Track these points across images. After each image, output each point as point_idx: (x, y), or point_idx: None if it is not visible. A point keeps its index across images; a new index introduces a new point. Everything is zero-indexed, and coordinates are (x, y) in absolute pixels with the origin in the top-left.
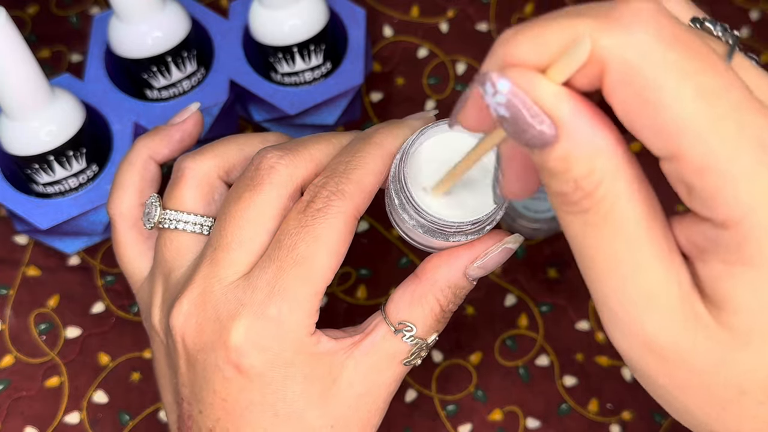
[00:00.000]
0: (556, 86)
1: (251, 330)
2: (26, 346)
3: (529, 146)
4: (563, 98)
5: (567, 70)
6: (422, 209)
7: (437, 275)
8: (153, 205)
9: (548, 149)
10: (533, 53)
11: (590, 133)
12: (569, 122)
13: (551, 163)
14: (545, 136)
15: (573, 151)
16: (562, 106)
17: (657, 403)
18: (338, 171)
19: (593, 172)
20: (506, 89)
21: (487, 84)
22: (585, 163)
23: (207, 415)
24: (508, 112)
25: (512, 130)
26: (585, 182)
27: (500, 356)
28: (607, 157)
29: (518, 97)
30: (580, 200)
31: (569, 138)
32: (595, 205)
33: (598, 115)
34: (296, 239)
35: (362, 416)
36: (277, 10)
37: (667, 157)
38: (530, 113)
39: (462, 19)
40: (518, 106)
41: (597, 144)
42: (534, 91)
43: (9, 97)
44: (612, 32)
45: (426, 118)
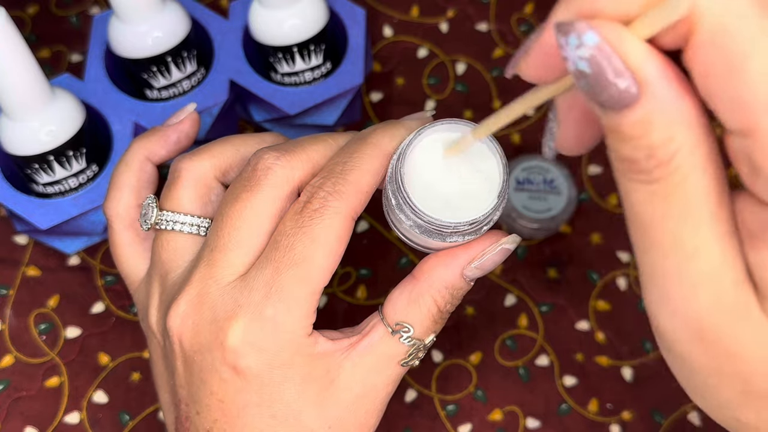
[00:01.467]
0: (643, 44)
1: (248, 331)
2: (26, 346)
3: (605, 106)
4: (650, 58)
5: (656, 26)
6: (419, 209)
7: (434, 276)
8: (150, 206)
9: (626, 111)
10: (617, 4)
11: (674, 98)
12: (654, 84)
13: (626, 126)
14: (626, 97)
15: (654, 116)
16: (648, 66)
17: (657, 403)
18: (335, 171)
19: (671, 141)
20: (593, 43)
21: (571, 35)
22: (665, 130)
23: (204, 416)
24: (590, 68)
25: (589, 88)
26: (661, 150)
27: (500, 356)
28: (689, 126)
29: (604, 52)
30: (652, 169)
31: (652, 101)
32: (666, 176)
33: (682, 80)
34: (293, 240)
35: (360, 417)
36: (277, 10)
37: (739, 131)
38: (614, 71)
39: (462, 19)
40: (602, 61)
41: (680, 111)
42: (622, 46)
43: (9, 97)
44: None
45: (423, 118)
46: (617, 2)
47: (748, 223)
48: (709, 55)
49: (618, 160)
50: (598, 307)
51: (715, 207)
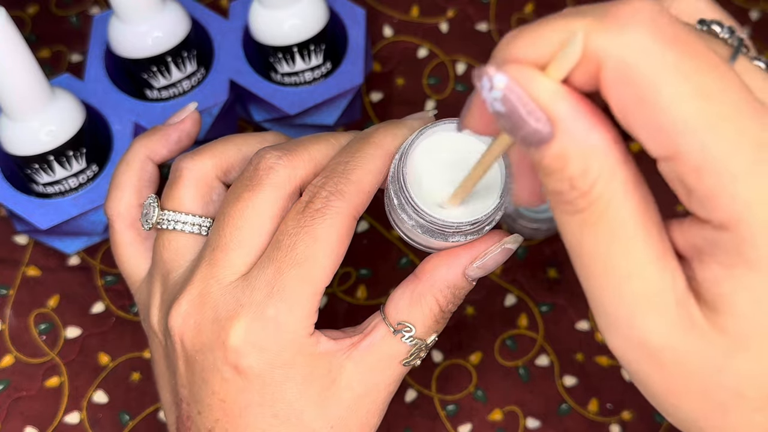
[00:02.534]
0: (554, 84)
1: (250, 330)
2: (26, 346)
3: (526, 144)
4: (560, 96)
5: (563, 68)
6: (421, 209)
7: (436, 275)
8: (151, 205)
9: (544, 147)
10: (532, 51)
11: (586, 131)
12: (565, 120)
13: (546, 160)
14: (541, 134)
15: (568, 150)
16: (558, 104)
17: None
18: (337, 171)
19: (588, 172)
20: (502, 84)
21: (484, 79)
22: (580, 161)
23: (206, 416)
24: (504, 108)
25: (508, 126)
26: (580, 181)
27: (500, 356)
28: (603, 156)
29: (514, 92)
30: (575, 199)
31: (565, 136)
32: (590, 205)
33: (596, 113)
34: (295, 239)
35: (361, 417)
36: (277, 10)
37: (664, 157)
38: (526, 109)
39: (462, 19)
40: (514, 101)
41: (593, 143)
42: (531, 87)
43: (9, 97)
44: (608, 31)
45: (425, 118)
46: (532, 50)
47: (694, 242)
48: (619, 92)
49: (548, 194)
50: None
51: (642, 230)
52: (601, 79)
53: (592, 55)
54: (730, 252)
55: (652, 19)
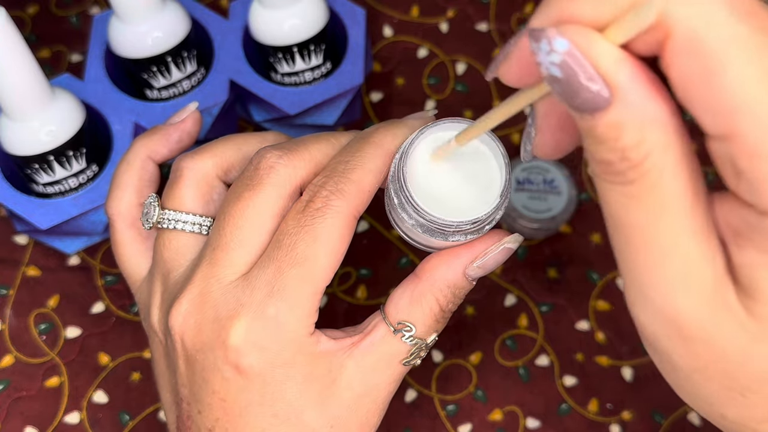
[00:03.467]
0: (616, 49)
1: (250, 330)
2: (26, 346)
3: (579, 110)
4: (621, 62)
5: (629, 32)
6: (421, 208)
7: (436, 275)
8: (151, 205)
9: (599, 114)
10: (593, 10)
11: (645, 101)
12: (625, 88)
13: (600, 129)
14: (598, 101)
15: (625, 119)
16: (619, 71)
17: (657, 403)
18: (337, 170)
19: (643, 143)
20: (563, 49)
21: (542, 41)
22: (636, 132)
23: (206, 415)
24: (561, 73)
25: (563, 92)
26: (633, 152)
27: (500, 356)
28: (660, 128)
29: (575, 58)
30: (626, 171)
31: (623, 104)
32: (640, 178)
33: (655, 83)
34: (295, 239)
35: (361, 416)
36: (277, 10)
37: (719, 135)
38: (586, 75)
39: (462, 19)
40: (574, 66)
41: (651, 114)
42: (592, 51)
43: (9, 97)
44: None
45: (425, 117)
46: (593, 9)
47: (733, 223)
48: (684, 62)
49: (594, 163)
50: (598, 307)
51: (690, 207)
52: (667, 48)
53: (662, 22)
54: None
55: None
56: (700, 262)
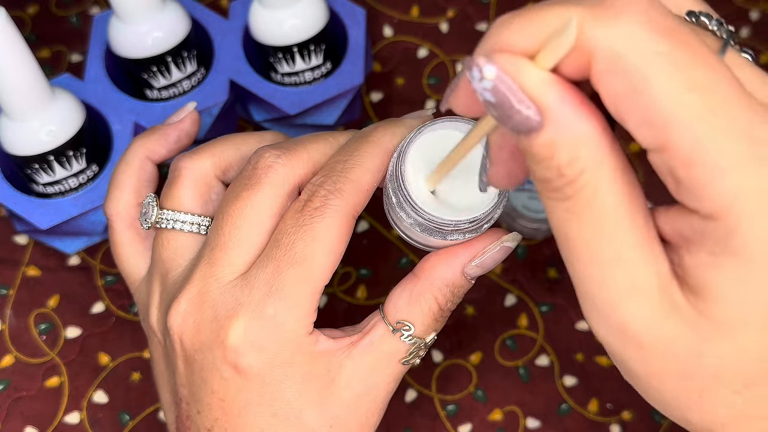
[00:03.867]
0: (544, 73)
1: (249, 330)
2: (26, 346)
3: (515, 131)
4: (550, 85)
5: (554, 57)
6: (420, 207)
7: (435, 274)
8: (150, 204)
9: (533, 135)
10: (523, 39)
11: (575, 120)
12: (555, 109)
13: (535, 149)
14: (530, 122)
15: (557, 138)
16: (548, 93)
17: None
18: (336, 170)
19: (576, 160)
20: (492, 75)
21: (473, 69)
22: (569, 150)
23: (205, 415)
24: (494, 98)
25: (498, 115)
26: (568, 169)
27: (500, 356)
28: (591, 145)
29: (504, 82)
30: (563, 187)
31: (554, 125)
32: (576, 193)
33: (585, 103)
34: (294, 238)
35: (361, 416)
36: (277, 10)
37: (655, 148)
38: (516, 98)
39: (462, 19)
40: (504, 91)
41: (581, 132)
42: (520, 76)
43: (9, 97)
44: (601, 21)
45: (424, 116)
46: (523, 38)
47: (681, 230)
48: (610, 81)
49: (536, 181)
50: None
51: (629, 218)
52: (593, 69)
53: (583, 45)
54: (717, 241)
55: (646, 10)
56: (644, 271)
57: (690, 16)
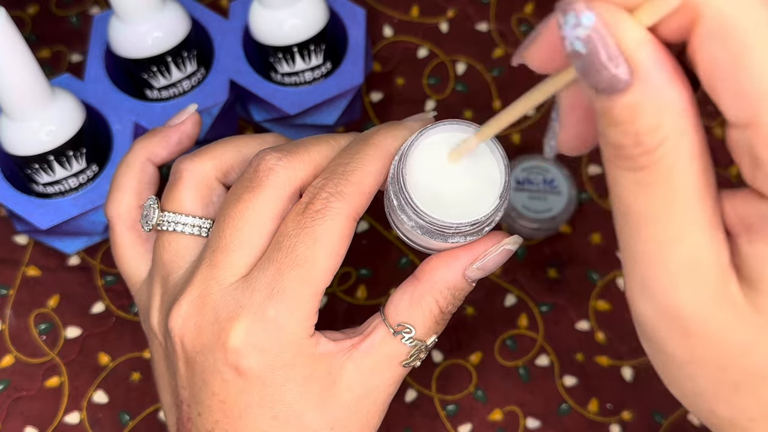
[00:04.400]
0: (642, 30)
1: (250, 332)
2: (26, 346)
3: (597, 89)
4: (646, 44)
5: (657, 13)
6: (421, 210)
7: (436, 277)
8: (151, 207)
9: (617, 95)
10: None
11: (665, 86)
12: (647, 70)
13: (617, 109)
14: (618, 80)
15: (644, 101)
16: (642, 52)
17: (657, 403)
18: (337, 172)
19: (659, 128)
20: (590, 23)
21: (570, 14)
22: (653, 116)
23: (206, 417)
24: (585, 48)
25: (584, 68)
26: (648, 137)
27: (500, 356)
28: (678, 115)
29: (600, 33)
30: (638, 156)
31: (643, 86)
32: (652, 164)
33: (677, 70)
34: (295, 240)
35: (361, 418)
36: (277, 10)
37: (741, 123)
38: (608, 53)
39: (462, 19)
40: (597, 43)
41: (670, 99)
42: (618, 30)
43: (9, 97)
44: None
45: (425, 119)
46: None
47: (746, 216)
48: (711, 47)
49: (606, 146)
50: (598, 307)
51: (699, 198)
52: (695, 31)
53: (690, 5)
54: None
55: None
56: (706, 255)
57: None
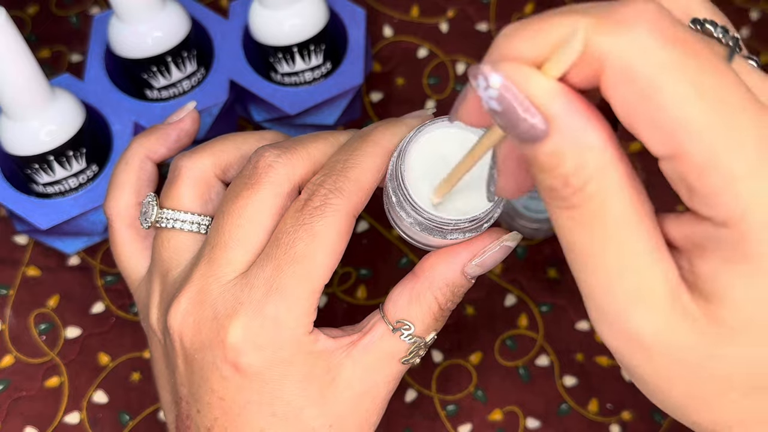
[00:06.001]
0: (551, 82)
1: (249, 329)
2: (26, 346)
3: (521, 140)
4: (556, 94)
5: (561, 66)
6: (420, 207)
7: (435, 273)
8: (150, 204)
9: (539, 144)
10: (530, 48)
11: (581, 129)
12: (560, 118)
13: (541, 158)
14: (536, 131)
15: (563, 147)
16: (554, 102)
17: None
18: (336, 169)
19: (583, 169)
20: (498, 83)
21: (479, 77)
22: (575, 159)
23: (205, 414)
24: (499, 106)
25: (504, 124)
26: (574, 178)
27: (500, 356)
28: (598, 154)
29: (510, 91)
30: (570, 196)
31: (560, 134)
32: (584, 202)
33: (592, 111)
34: (294, 237)
35: (361, 415)
36: (277, 10)
37: (667, 156)
38: (522, 107)
39: (462, 19)
40: (510, 99)
41: (588, 140)
42: (527, 85)
43: (9, 97)
44: (611, 30)
45: (424, 116)
46: (531, 47)
47: (692, 237)
48: (621, 90)
49: (542, 191)
50: None
51: (635, 227)
52: (603, 79)
53: (593, 54)
54: (730, 247)
55: (655, 19)
56: (651, 278)
57: (695, 24)
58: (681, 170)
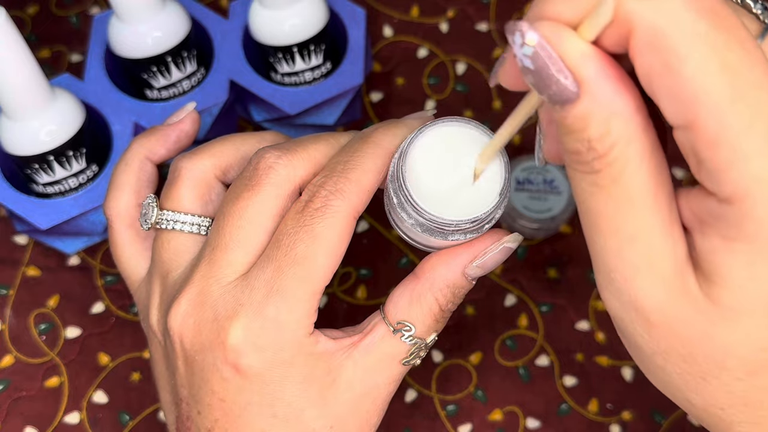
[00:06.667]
0: (585, 44)
1: (249, 330)
2: (26, 346)
3: (551, 101)
4: (589, 57)
5: (594, 29)
6: (421, 208)
7: (436, 275)
8: (150, 205)
9: (568, 106)
10: (568, 9)
11: (611, 95)
12: (592, 81)
13: (569, 120)
14: (567, 93)
15: (591, 111)
16: (587, 65)
17: (657, 403)
18: (337, 170)
19: (608, 135)
20: (534, 41)
21: (516, 34)
22: (601, 124)
23: (205, 415)
24: (533, 64)
25: (536, 83)
26: (599, 143)
27: (500, 356)
28: (624, 121)
29: (544, 50)
30: (592, 161)
31: (589, 97)
32: (605, 168)
33: (623, 78)
34: (295, 238)
35: (361, 416)
36: (277, 10)
37: (681, 125)
38: (555, 67)
39: (462, 19)
40: (543, 59)
41: (616, 107)
42: (561, 45)
43: (9, 97)
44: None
45: (424, 117)
46: (568, 8)
47: (698, 212)
48: (647, 57)
49: (566, 152)
50: (598, 307)
51: (653, 196)
52: (631, 43)
53: (624, 19)
54: (731, 225)
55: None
56: (661, 250)
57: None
58: (693, 141)
